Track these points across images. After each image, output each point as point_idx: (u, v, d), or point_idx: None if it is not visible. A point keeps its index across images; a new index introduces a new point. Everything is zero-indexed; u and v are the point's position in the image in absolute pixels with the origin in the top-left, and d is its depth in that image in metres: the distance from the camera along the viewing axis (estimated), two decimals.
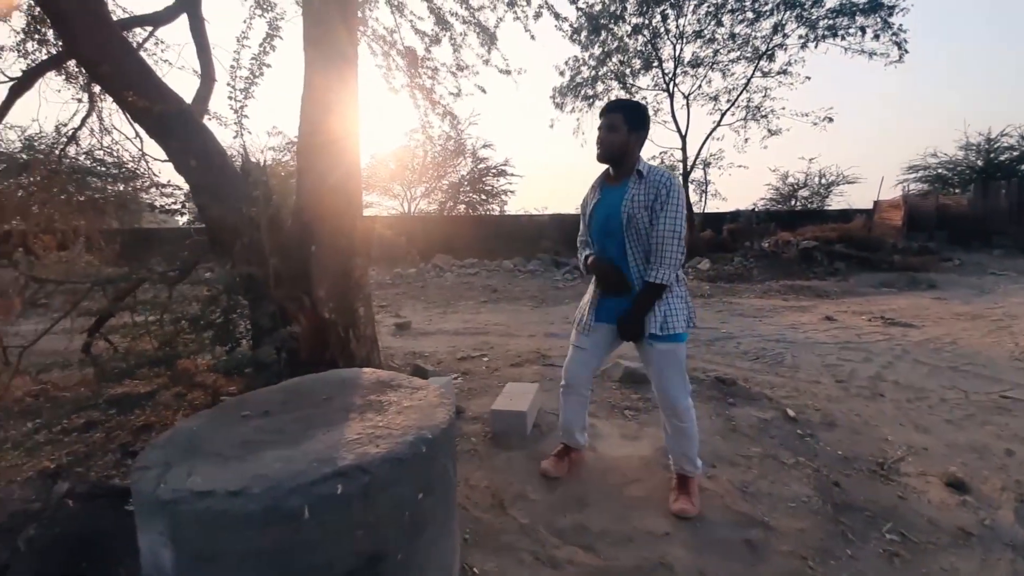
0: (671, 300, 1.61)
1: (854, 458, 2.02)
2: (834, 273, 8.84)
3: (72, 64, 2.69)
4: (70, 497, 1.40)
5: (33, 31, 2.55)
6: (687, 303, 1.67)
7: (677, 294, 1.63)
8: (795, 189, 16.82)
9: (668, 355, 1.62)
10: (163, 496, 0.82)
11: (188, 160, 2.58)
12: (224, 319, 2.63)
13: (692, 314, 1.68)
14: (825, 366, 3.58)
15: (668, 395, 1.65)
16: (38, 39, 2.59)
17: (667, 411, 1.68)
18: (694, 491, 1.67)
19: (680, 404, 1.65)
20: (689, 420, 1.67)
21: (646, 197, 1.58)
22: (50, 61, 2.42)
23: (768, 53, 10.50)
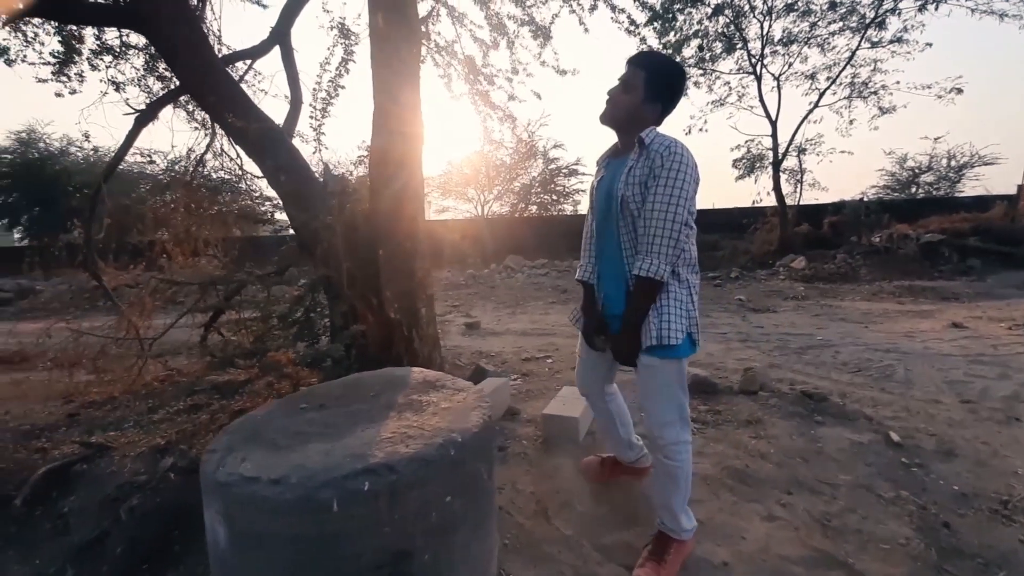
0: (666, 303, 1.28)
1: (973, 495, 1.69)
2: (965, 272, 7.48)
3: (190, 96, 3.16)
4: (172, 471, 1.63)
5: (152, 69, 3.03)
6: (687, 311, 1.30)
7: (675, 296, 1.29)
8: (916, 174, 14.49)
9: (655, 373, 1.30)
10: (220, 478, 0.92)
11: (279, 175, 2.89)
12: (306, 317, 2.91)
13: (693, 324, 1.32)
14: (947, 383, 3.04)
15: (652, 422, 1.34)
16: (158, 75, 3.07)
17: (651, 442, 1.37)
18: (670, 558, 1.31)
19: (666, 436, 1.32)
20: (679, 459, 1.32)
21: (642, 172, 1.26)
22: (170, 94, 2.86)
23: (878, 20, 9.17)
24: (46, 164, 14.93)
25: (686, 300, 1.32)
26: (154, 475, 1.60)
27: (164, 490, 1.55)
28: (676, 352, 1.30)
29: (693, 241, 1.35)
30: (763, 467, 1.88)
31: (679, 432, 1.34)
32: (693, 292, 1.34)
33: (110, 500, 1.46)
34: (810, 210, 11.48)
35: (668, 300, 1.29)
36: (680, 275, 1.32)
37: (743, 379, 2.85)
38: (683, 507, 1.37)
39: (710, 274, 9.13)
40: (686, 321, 1.30)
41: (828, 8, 9.42)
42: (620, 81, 1.35)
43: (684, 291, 1.32)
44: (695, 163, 1.26)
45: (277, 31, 3.13)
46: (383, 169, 2.71)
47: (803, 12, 9.62)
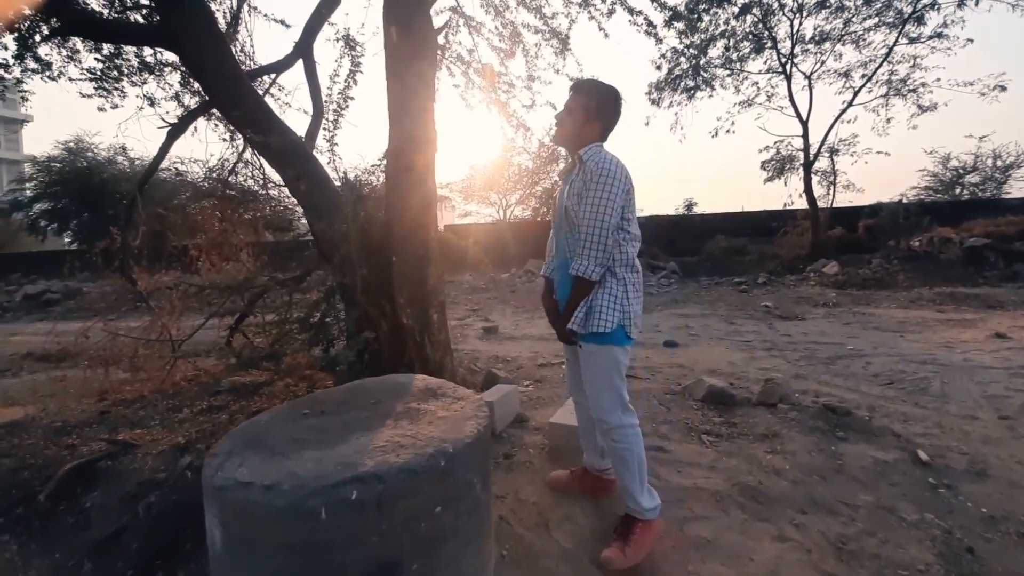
0: (596, 294, 1.44)
1: (1003, 518, 1.58)
2: (1012, 278, 7.03)
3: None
4: (189, 470, 1.70)
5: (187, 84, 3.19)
6: (620, 303, 1.44)
7: (609, 291, 1.44)
8: (960, 175, 13.72)
9: (593, 359, 1.46)
10: (217, 482, 0.96)
11: (299, 185, 2.98)
12: (322, 321, 2.99)
13: (626, 317, 1.44)
14: (986, 397, 2.86)
15: (595, 408, 1.48)
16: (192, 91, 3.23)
17: (598, 426, 1.50)
18: (635, 538, 1.40)
19: (610, 420, 1.44)
20: (625, 441, 1.44)
21: (579, 184, 1.44)
22: (199, 109, 3.01)
23: (916, 15, 8.75)
24: (94, 172, 15.87)
25: (620, 295, 1.46)
26: (173, 473, 1.67)
27: (181, 488, 1.61)
28: (608, 339, 1.44)
29: (632, 244, 1.49)
30: (778, 484, 1.81)
31: (621, 417, 1.47)
32: (629, 288, 1.48)
33: (130, 496, 1.53)
34: (844, 213, 11.00)
35: (601, 293, 1.45)
36: (616, 273, 1.47)
37: (762, 390, 2.76)
38: (641, 488, 1.46)
39: (736, 279, 8.88)
40: (618, 314, 1.44)
41: (863, 3, 9.06)
42: (564, 106, 1.54)
43: (619, 287, 1.46)
44: (625, 175, 1.43)
45: (300, 46, 3.24)
46: (398, 181, 2.76)
47: (837, 8, 9.29)
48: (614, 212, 1.39)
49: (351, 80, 2.73)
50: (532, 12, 2.97)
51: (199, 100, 3.34)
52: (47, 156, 16.23)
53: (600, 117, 1.50)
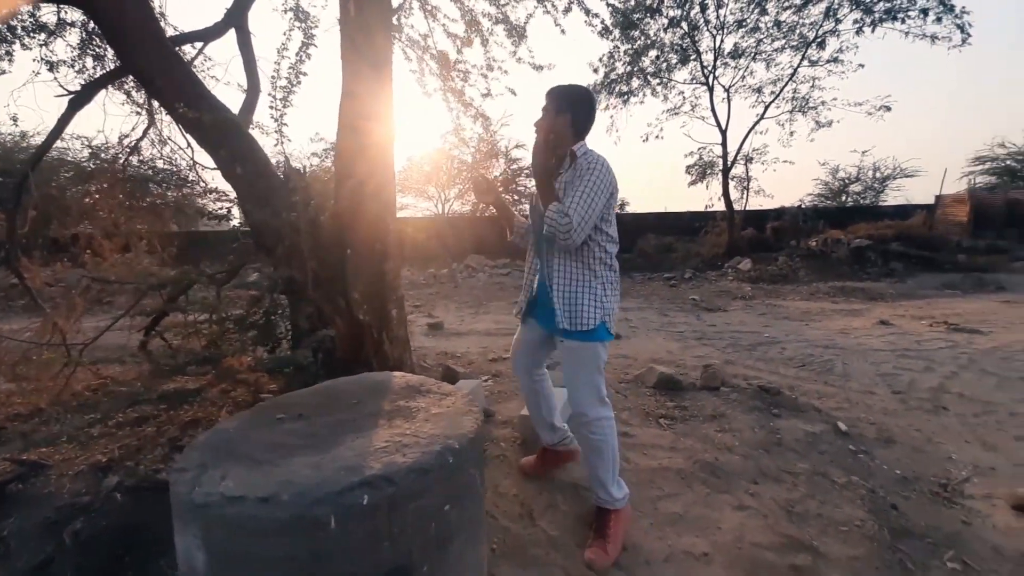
0: (579, 293, 1.48)
1: (914, 478, 1.86)
2: (890, 274, 8.27)
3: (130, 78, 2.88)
4: (118, 490, 1.48)
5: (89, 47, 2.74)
6: (601, 301, 1.49)
7: (589, 288, 1.48)
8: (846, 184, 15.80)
9: (576, 353, 1.50)
10: (197, 500, 0.85)
11: (235, 168, 2.69)
12: (266, 320, 2.73)
13: (607, 313, 1.51)
14: (880, 375, 3.34)
15: (574, 401, 1.53)
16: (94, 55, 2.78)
17: (576, 419, 1.53)
18: (612, 532, 1.44)
19: (588, 413, 1.49)
20: (601, 432, 1.49)
21: (569, 180, 1.47)
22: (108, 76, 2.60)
23: (818, 40, 9.92)
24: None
25: (600, 293, 1.51)
26: (98, 495, 1.44)
27: (110, 512, 1.40)
28: (592, 336, 1.49)
29: (611, 245, 1.55)
30: (731, 459, 1.98)
31: (599, 409, 1.51)
32: (608, 286, 1.54)
33: (51, 523, 1.30)
34: (755, 215, 12.24)
35: (583, 292, 1.49)
36: (597, 273, 1.51)
37: (704, 376, 2.98)
38: (613, 479, 1.52)
39: (666, 275, 9.51)
40: (600, 311, 1.50)
41: (773, 26, 10.08)
42: (543, 111, 1.56)
43: (600, 286, 1.52)
44: (613, 178, 1.47)
45: (232, 13, 2.92)
46: (350, 165, 2.60)
47: (751, 28, 10.24)
48: (600, 203, 1.41)
49: (303, 54, 2.51)
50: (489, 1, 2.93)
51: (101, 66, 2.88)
52: None
53: (578, 118, 1.53)
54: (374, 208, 2.63)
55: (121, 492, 1.53)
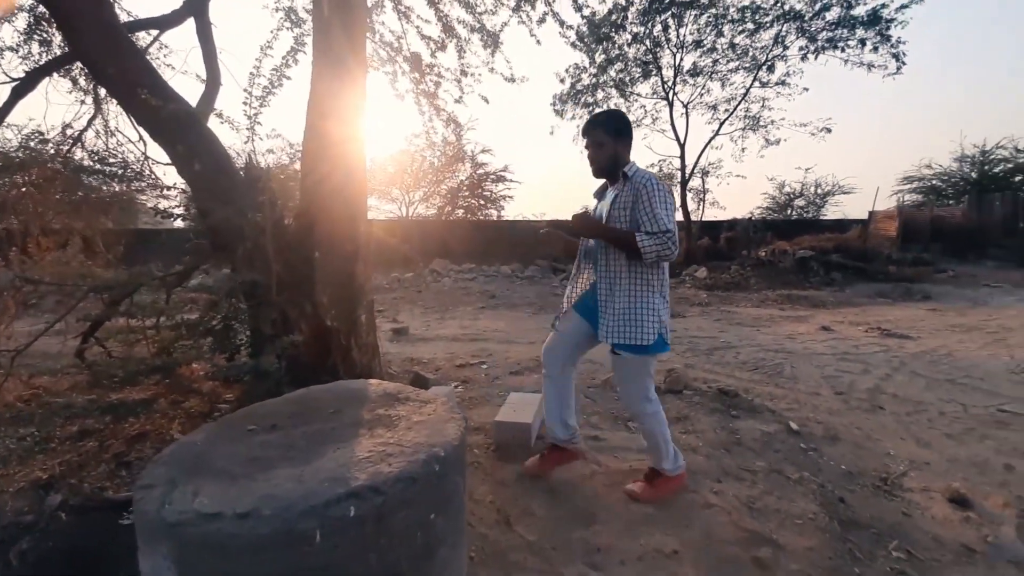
0: (640, 310, 1.58)
1: (858, 473, 2.02)
2: (830, 283, 8.90)
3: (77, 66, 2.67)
4: (63, 509, 1.36)
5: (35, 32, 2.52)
6: (659, 315, 1.61)
7: (649, 304, 1.59)
8: (791, 198, 16.97)
9: (631, 366, 1.64)
10: (168, 518, 0.80)
11: (192, 164, 2.55)
12: (224, 325, 2.60)
13: (663, 327, 1.63)
14: (824, 377, 3.58)
15: (626, 403, 1.74)
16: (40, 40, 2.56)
17: (630, 415, 1.78)
18: (658, 484, 1.72)
19: (633, 408, 1.70)
20: (648, 423, 1.69)
21: (627, 198, 1.60)
22: (54, 62, 2.40)
23: (768, 64, 10.61)
24: None
25: (659, 308, 1.62)
26: (41, 515, 1.32)
27: (56, 532, 1.29)
28: (647, 350, 1.61)
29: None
30: (695, 459, 2.06)
31: (647, 407, 1.70)
32: (664, 298, 1.65)
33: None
34: (711, 226, 12.88)
35: (642, 307, 1.59)
36: (654, 286, 1.62)
37: (669, 379, 3.10)
38: (667, 453, 1.73)
39: None
40: (657, 325, 1.61)
41: (728, 48, 10.68)
42: (591, 146, 1.69)
43: (657, 297, 1.63)
44: (668, 188, 1.61)
45: (192, 1, 2.78)
46: (318, 165, 2.52)
47: (709, 49, 10.80)
48: (669, 215, 1.54)
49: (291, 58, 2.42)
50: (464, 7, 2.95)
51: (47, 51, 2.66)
52: None
53: (623, 134, 1.68)
54: (343, 208, 2.57)
55: (66, 511, 1.41)
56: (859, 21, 9.55)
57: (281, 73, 2.29)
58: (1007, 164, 15.55)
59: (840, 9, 9.58)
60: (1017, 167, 15.42)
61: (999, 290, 8.24)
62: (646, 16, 10.20)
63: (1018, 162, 15.40)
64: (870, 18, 9.44)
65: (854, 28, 9.64)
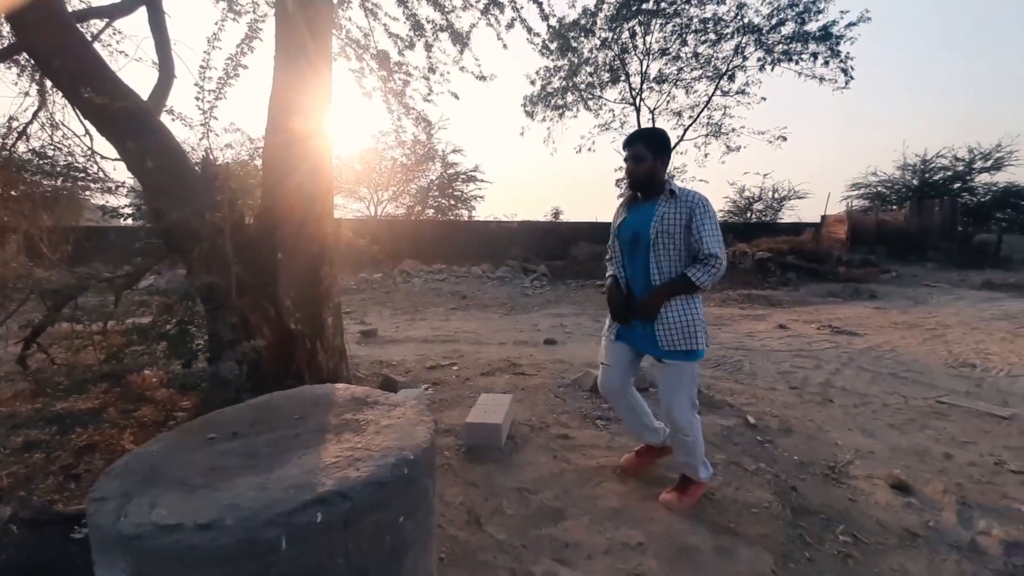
0: (692, 319, 1.65)
1: (809, 463, 2.14)
2: (786, 283, 9.36)
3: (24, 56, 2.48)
4: (14, 523, 1.28)
5: None
6: (704, 323, 1.70)
7: (696, 312, 1.67)
8: (751, 203, 17.75)
9: (680, 371, 1.68)
10: (125, 531, 0.77)
11: (144, 161, 2.43)
12: (179, 330, 2.48)
13: (706, 334, 1.71)
14: (780, 373, 3.77)
15: (672, 410, 1.70)
16: None
17: (671, 425, 1.74)
18: (691, 491, 1.77)
19: (683, 419, 1.69)
20: (693, 433, 1.72)
21: (679, 215, 1.65)
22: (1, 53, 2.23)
23: (728, 73, 11.07)
24: None
25: (702, 315, 1.70)
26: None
27: (8, 546, 1.21)
28: (696, 356, 1.68)
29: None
30: None
31: (691, 415, 1.71)
32: (702, 309, 1.73)
33: None
34: None
35: (693, 315, 1.66)
36: (699, 296, 1.71)
37: (635, 378, 3.18)
38: (701, 461, 1.78)
39: (598, 282, 9.97)
40: (704, 334, 1.69)
41: (692, 57, 11.07)
42: (631, 159, 1.73)
43: (700, 305, 1.70)
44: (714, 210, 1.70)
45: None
46: (281, 162, 2.45)
47: (674, 57, 11.16)
48: (722, 239, 1.66)
49: (246, 46, 2.33)
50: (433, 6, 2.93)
51: None
52: None
53: (663, 152, 1.73)
54: (308, 207, 2.50)
55: (17, 524, 1.33)
56: (812, 36, 10.12)
57: (237, 63, 2.20)
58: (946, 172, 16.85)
59: (794, 24, 10.13)
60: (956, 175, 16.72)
61: (938, 289, 8.90)
62: (614, 22, 10.43)
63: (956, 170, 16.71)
64: (822, 34, 10.02)
65: (807, 42, 10.21)
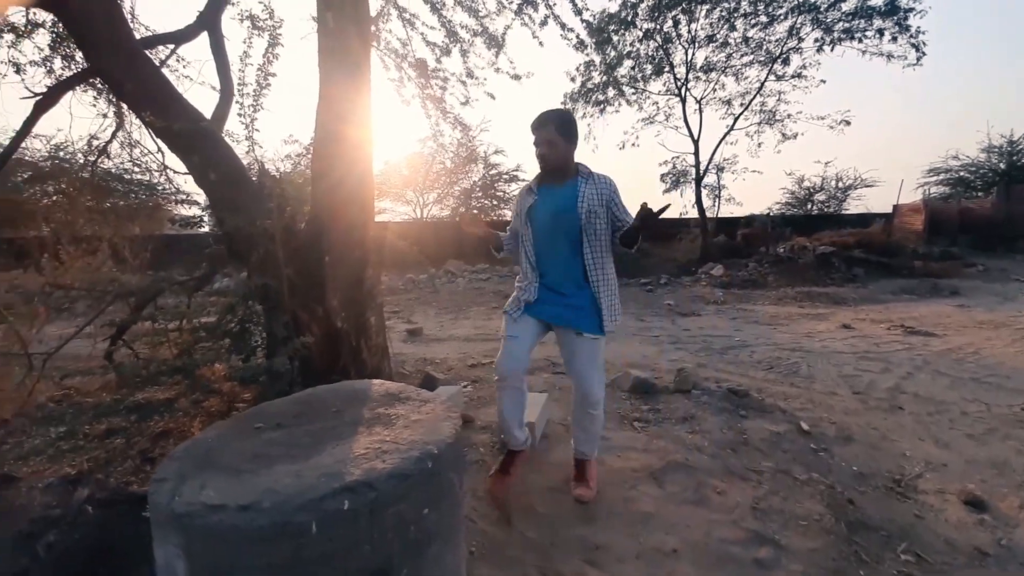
0: (615, 295, 1.79)
1: (870, 474, 1.98)
2: (852, 279, 8.66)
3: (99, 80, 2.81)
4: (90, 503, 1.44)
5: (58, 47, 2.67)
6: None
7: (615, 291, 1.80)
8: (811, 193, 16.54)
9: (596, 345, 1.75)
10: (177, 509, 0.85)
11: (208, 174, 2.66)
12: (240, 328, 2.69)
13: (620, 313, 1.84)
14: (842, 377, 3.51)
15: (588, 386, 1.74)
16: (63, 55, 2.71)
17: (584, 401, 1.77)
18: (593, 475, 1.82)
19: (600, 392, 1.76)
20: (601, 408, 1.80)
21: (600, 195, 1.73)
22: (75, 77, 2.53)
23: (783, 57, 10.38)
24: None
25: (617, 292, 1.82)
26: (69, 509, 1.41)
27: (83, 525, 1.37)
28: (605, 331, 1.77)
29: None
30: (700, 459, 2.06)
31: (601, 388, 1.79)
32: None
33: (25, 536, 1.27)
34: (727, 222, 12.68)
35: (613, 294, 1.78)
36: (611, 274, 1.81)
37: (677, 379, 3.08)
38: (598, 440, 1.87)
39: (642, 280, 9.72)
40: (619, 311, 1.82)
41: (742, 42, 10.50)
42: (543, 143, 1.74)
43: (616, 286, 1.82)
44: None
45: (205, 17, 2.89)
46: (327, 169, 2.59)
47: (721, 44, 10.63)
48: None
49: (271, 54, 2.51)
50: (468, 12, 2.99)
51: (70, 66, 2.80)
52: None
53: (573, 135, 1.78)
54: (351, 213, 2.63)
55: (92, 505, 1.49)
56: (876, 11, 9.27)
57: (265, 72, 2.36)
58: None
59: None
60: None
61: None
62: (656, 12, 10.10)
63: None
64: (888, 8, 9.15)
65: (871, 18, 9.37)
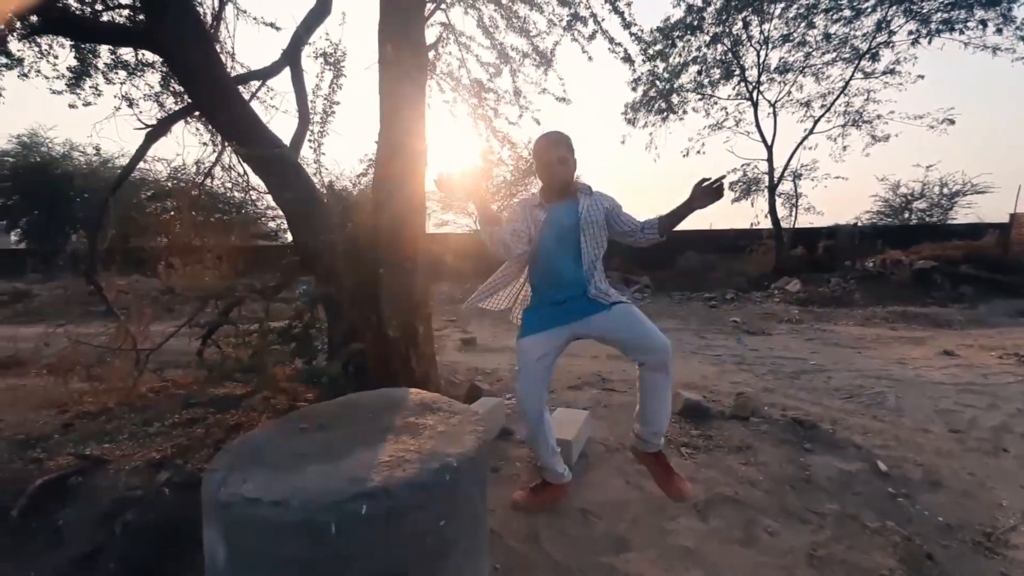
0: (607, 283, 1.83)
1: (958, 526, 1.72)
2: (958, 299, 7.58)
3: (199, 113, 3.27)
4: (167, 486, 1.64)
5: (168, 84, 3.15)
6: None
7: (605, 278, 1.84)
8: (909, 201, 14.74)
9: (634, 310, 1.71)
10: (221, 499, 0.95)
11: (284, 193, 2.95)
12: (305, 333, 2.93)
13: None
14: (938, 411, 3.08)
15: (654, 341, 1.59)
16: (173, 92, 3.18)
17: (657, 360, 1.60)
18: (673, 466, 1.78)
19: (661, 337, 1.61)
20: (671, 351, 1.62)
21: (599, 209, 1.79)
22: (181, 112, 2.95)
23: (871, 52, 9.46)
24: (48, 168, 14.99)
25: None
26: (149, 490, 1.61)
27: (158, 506, 1.56)
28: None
29: None
30: (752, 494, 1.90)
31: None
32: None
33: (105, 514, 1.48)
34: (805, 233, 11.64)
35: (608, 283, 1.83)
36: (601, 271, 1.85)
37: (735, 404, 2.88)
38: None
39: (705, 295, 9.21)
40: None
41: (823, 39, 9.72)
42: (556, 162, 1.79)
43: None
44: None
45: (287, 54, 3.24)
46: (387, 190, 2.77)
47: (799, 43, 9.92)
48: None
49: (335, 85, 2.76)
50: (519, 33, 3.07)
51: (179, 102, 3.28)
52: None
53: (574, 154, 1.85)
54: (407, 229, 2.79)
55: (170, 487, 1.69)
56: (977, 1, 8.19)
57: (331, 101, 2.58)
58: None
59: None
60: None
61: None
62: (724, 14, 9.66)
63: None
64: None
65: (972, 9, 8.27)
